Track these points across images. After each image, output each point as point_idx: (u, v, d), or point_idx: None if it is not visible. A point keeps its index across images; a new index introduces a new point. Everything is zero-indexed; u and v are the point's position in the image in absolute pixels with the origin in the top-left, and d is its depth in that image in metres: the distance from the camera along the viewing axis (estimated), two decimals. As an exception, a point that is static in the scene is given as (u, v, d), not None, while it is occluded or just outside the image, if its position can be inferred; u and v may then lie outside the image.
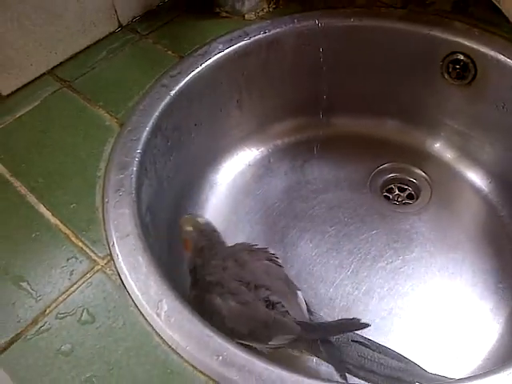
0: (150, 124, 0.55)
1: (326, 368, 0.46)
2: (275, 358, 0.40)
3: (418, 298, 0.59)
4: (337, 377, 0.40)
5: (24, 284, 0.45)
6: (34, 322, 0.42)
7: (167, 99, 0.57)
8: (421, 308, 0.58)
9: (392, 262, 0.62)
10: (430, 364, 0.54)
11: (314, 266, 0.62)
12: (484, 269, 0.61)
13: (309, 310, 0.48)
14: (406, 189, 0.70)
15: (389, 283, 0.60)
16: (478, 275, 0.60)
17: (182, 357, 0.39)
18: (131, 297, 0.43)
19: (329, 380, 0.38)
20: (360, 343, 0.44)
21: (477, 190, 0.67)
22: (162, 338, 0.40)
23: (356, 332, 0.44)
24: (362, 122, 0.73)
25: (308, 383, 0.37)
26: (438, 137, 0.70)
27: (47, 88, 0.60)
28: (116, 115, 0.57)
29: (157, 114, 0.56)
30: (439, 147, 0.70)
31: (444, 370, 0.54)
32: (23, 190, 0.51)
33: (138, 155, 0.52)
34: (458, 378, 0.51)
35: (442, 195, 0.68)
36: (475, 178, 0.68)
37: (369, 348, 0.43)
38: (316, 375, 0.41)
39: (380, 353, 0.43)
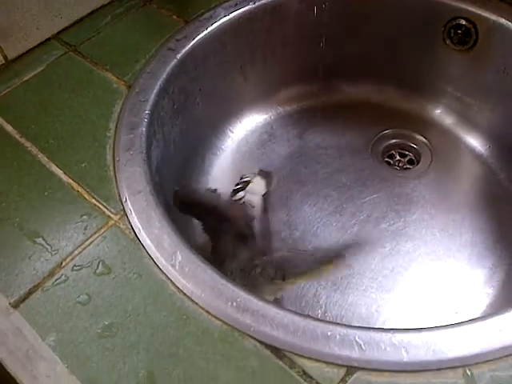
0: (157, 86, 0.56)
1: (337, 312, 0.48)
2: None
3: (420, 258, 0.61)
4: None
5: (39, 239, 0.46)
6: (51, 274, 0.43)
7: (174, 62, 0.58)
8: (422, 267, 0.60)
9: (394, 223, 0.64)
10: (431, 318, 0.57)
11: (317, 228, 0.64)
12: (483, 229, 0.63)
13: None
14: (407, 154, 0.72)
15: (391, 244, 0.62)
16: (477, 235, 0.62)
17: (196, 303, 0.41)
18: (145, 249, 0.44)
19: (340, 323, 0.40)
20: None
21: (476, 155, 0.69)
22: (177, 286, 0.42)
23: None
24: (364, 88, 0.73)
25: (319, 326, 0.39)
26: (438, 103, 0.71)
27: (53, 52, 0.61)
28: (123, 78, 0.57)
29: (164, 76, 0.57)
30: (440, 113, 0.72)
31: (445, 324, 0.56)
32: (34, 150, 0.52)
33: (146, 116, 0.53)
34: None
35: (442, 160, 0.69)
36: (475, 142, 0.69)
37: None
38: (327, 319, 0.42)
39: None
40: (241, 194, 0.52)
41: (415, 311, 0.57)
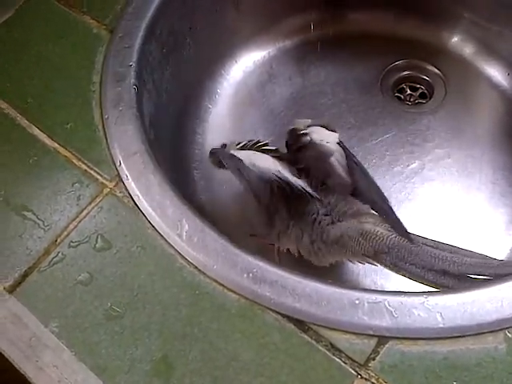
0: (143, 28, 0.49)
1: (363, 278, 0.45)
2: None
3: (438, 201, 0.57)
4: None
5: (29, 214, 0.41)
6: (46, 252, 0.39)
7: (159, -1, 0.51)
8: (441, 210, 0.56)
9: (408, 165, 0.59)
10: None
11: (327, 175, 0.59)
12: (504, 165, 0.58)
13: None
14: (418, 88, 0.66)
15: (406, 187, 0.58)
16: (498, 172, 0.58)
17: (209, 277, 0.37)
18: (147, 219, 0.40)
19: (368, 290, 0.37)
20: (428, 245, 0.40)
21: (494, 85, 0.63)
22: (186, 259, 0.38)
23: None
24: (370, 16, 0.66)
25: (345, 294, 0.35)
26: (454, 30, 0.64)
27: (20, -6, 0.53)
28: (103, 21, 0.50)
29: (149, 16, 0.50)
30: (456, 41, 0.65)
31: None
32: (12, 112, 0.46)
33: (133, 65, 0.47)
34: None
35: (458, 92, 0.64)
36: (493, 71, 0.63)
37: (438, 249, 0.40)
38: (352, 286, 0.39)
39: (451, 252, 0.40)
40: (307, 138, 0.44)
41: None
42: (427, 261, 0.39)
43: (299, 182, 0.41)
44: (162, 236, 0.39)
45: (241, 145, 0.46)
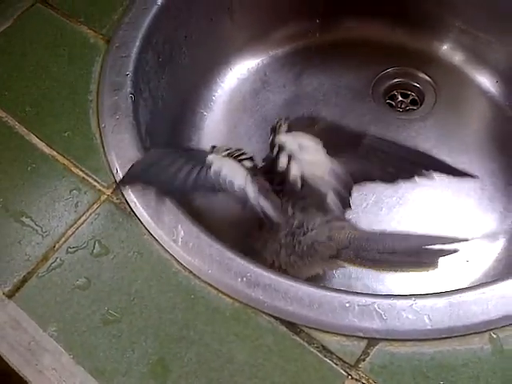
0: (139, 38, 0.51)
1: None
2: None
3: (428, 205, 0.58)
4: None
5: (27, 220, 0.42)
6: (45, 258, 0.40)
7: (155, 9, 0.52)
8: (431, 215, 0.58)
9: (400, 171, 0.61)
10: (442, 267, 0.55)
11: (320, 181, 0.60)
12: (493, 171, 0.60)
13: None
14: (409, 94, 0.67)
15: (397, 192, 0.59)
16: (486, 178, 0.59)
17: (204, 281, 0.38)
18: (144, 225, 0.41)
19: (358, 293, 0.38)
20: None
21: (483, 92, 0.65)
22: (181, 264, 0.39)
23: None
24: (362, 24, 0.68)
25: (337, 297, 0.37)
26: (445, 38, 0.66)
27: (18, 5, 0.54)
28: (100, 31, 0.52)
29: (145, 26, 0.51)
30: (446, 50, 0.66)
31: (455, 272, 0.55)
32: (10, 120, 0.47)
33: (130, 74, 0.48)
34: (469, 281, 0.53)
35: (448, 99, 0.65)
36: (482, 79, 0.65)
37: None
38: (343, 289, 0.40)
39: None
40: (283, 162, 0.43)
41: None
42: (381, 243, 0.40)
43: (263, 204, 0.41)
44: (158, 242, 0.40)
45: (227, 151, 0.45)
